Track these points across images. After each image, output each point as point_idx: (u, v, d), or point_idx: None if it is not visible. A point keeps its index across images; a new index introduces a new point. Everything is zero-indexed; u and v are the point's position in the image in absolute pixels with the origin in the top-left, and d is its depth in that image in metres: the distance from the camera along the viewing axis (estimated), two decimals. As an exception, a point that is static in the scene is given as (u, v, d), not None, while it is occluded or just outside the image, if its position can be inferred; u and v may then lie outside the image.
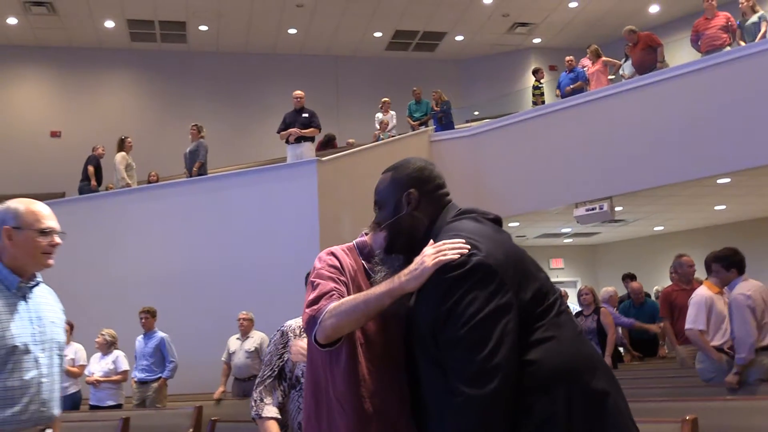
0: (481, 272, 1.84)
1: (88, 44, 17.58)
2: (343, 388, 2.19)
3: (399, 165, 2.20)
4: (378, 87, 17.31)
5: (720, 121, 8.97)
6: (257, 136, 17.48)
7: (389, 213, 2.14)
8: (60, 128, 17.31)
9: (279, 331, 3.20)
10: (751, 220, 13.31)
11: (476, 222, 2.04)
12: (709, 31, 9.79)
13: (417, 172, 2.14)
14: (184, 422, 6.24)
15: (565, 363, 1.86)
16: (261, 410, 3.00)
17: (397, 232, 2.13)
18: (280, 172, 9.99)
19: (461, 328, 1.82)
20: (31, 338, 2.55)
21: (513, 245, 2.02)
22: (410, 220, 2.11)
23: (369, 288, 2.19)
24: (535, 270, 1.99)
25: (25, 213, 2.61)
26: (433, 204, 2.12)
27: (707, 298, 5.55)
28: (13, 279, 2.58)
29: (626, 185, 9.97)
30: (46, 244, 2.61)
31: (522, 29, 18.18)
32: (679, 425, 3.16)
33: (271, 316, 8.07)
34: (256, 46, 18.44)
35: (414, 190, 2.10)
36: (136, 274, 9.69)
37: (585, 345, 1.98)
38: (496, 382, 1.77)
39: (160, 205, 10.33)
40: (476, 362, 1.78)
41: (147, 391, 7.92)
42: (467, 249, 1.88)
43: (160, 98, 18.08)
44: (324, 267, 2.25)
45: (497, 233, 2.02)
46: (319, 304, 2.11)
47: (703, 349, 5.47)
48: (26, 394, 2.49)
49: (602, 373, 1.91)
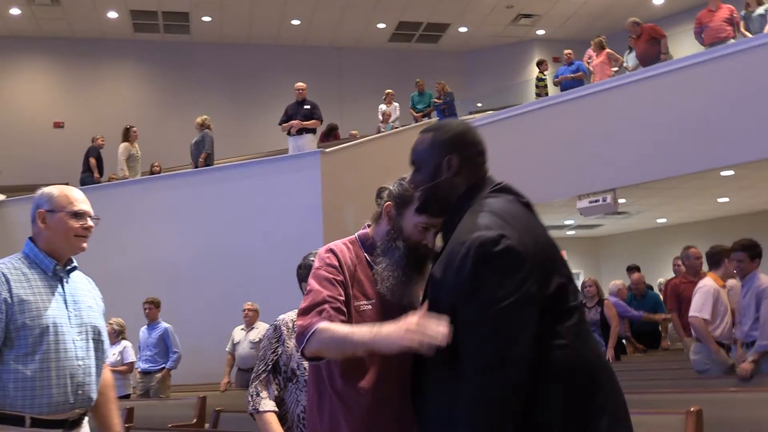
0: (511, 258, 1.77)
1: (91, 35, 17.57)
2: (342, 381, 2.21)
3: (440, 126, 2.10)
4: (381, 78, 17.29)
5: (724, 114, 8.94)
6: (261, 128, 17.47)
7: (427, 176, 2.05)
8: (63, 119, 17.32)
9: (272, 326, 3.22)
10: (754, 213, 13.27)
11: (510, 204, 1.95)
12: (712, 24, 9.75)
13: (459, 136, 2.04)
14: (187, 412, 6.28)
15: (569, 371, 1.80)
16: (258, 405, 3.02)
17: (433, 197, 2.06)
18: (283, 164, 9.99)
19: (483, 312, 1.75)
20: (66, 320, 2.58)
21: (545, 235, 1.94)
22: (448, 186, 2.01)
23: (370, 282, 2.25)
24: (561, 266, 1.91)
25: (58, 196, 2.67)
26: (473, 171, 2.03)
27: (715, 289, 5.58)
28: (49, 262, 2.63)
29: (630, 177, 9.94)
30: (79, 227, 2.66)
31: (526, 21, 18.12)
32: (683, 417, 3.17)
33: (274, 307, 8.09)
34: (259, 37, 18.41)
35: (455, 155, 2.01)
36: (140, 265, 9.72)
37: (596, 358, 1.90)
38: (512, 373, 1.72)
39: (163, 196, 10.35)
40: (494, 349, 1.73)
41: (150, 382, 7.96)
42: (447, 336, 1.78)
43: (163, 89, 18.07)
44: (322, 266, 2.26)
45: (530, 219, 1.95)
46: (309, 320, 2.13)
47: (705, 339, 5.49)
48: (62, 376, 2.51)
49: (606, 391, 1.85)
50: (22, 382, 2.43)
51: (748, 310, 5.36)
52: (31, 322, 2.47)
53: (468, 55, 19.74)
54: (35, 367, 2.46)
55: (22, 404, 2.43)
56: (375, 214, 2.37)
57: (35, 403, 2.45)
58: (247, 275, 9.20)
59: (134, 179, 11.21)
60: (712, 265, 5.90)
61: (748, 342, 5.39)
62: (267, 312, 8.20)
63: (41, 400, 2.45)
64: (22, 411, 2.43)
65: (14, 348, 2.45)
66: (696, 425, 3.15)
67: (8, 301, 2.45)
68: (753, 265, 5.49)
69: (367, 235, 2.38)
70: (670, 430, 3.09)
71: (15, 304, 2.46)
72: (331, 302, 2.16)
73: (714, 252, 5.92)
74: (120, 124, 12.27)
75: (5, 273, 2.51)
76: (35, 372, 2.45)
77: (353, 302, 2.24)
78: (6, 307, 2.44)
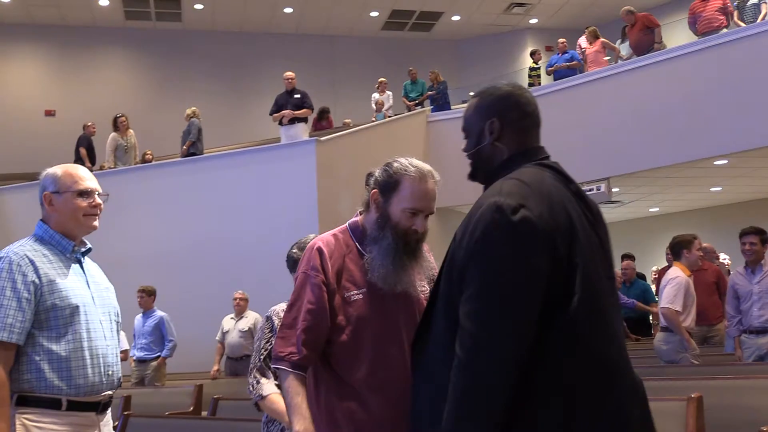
0: (525, 229, 1.70)
1: (82, 22, 17.44)
2: (338, 367, 2.24)
3: (485, 90, 2.01)
4: (374, 67, 17.24)
5: (717, 103, 8.99)
6: (254, 116, 17.41)
7: (472, 143, 2.00)
8: (54, 107, 17.21)
9: (265, 317, 3.22)
10: (746, 202, 13.36)
11: (547, 178, 1.85)
12: (705, 13, 9.78)
13: (501, 100, 1.96)
14: (184, 400, 6.28)
15: (576, 374, 1.70)
16: (261, 390, 3.00)
17: (477, 163, 2.00)
18: (278, 152, 9.97)
19: (487, 278, 1.70)
20: (91, 301, 2.55)
21: (582, 222, 1.82)
22: (490, 151, 1.94)
23: (361, 271, 2.27)
24: (592, 253, 1.79)
25: (62, 176, 2.60)
26: (517, 136, 1.94)
27: (686, 280, 5.64)
28: (67, 243, 2.58)
29: (624, 166, 9.99)
30: (87, 205, 2.59)
31: (519, 9, 18.10)
32: (684, 403, 3.20)
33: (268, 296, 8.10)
34: (251, 25, 18.32)
35: (496, 119, 1.93)
36: (132, 254, 9.67)
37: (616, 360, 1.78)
38: (509, 344, 1.65)
39: (155, 185, 10.31)
40: (493, 320, 1.67)
41: (146, 370, 7.97)
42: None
43: (154, 77, 17.98)
44: (307, 269, 2.27)
45: (565, 199, 1.82)
46: (284, 348, 2.23)
47: (677, 329, 5.57)
48: (95, 356, 2.49)
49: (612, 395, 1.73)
50: (57, 363, 2.40)
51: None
52: (60, 302, 2.43)
53: (461, 43, 19.71)
54: (69, 348, 2.43)
55: (58, 386, 2.39)
56: (364, 202, 2.36)
57: (71, 384, 2.41)
58: (240, 264, 9.19)
59: (126, 168, 11.15)
60: (675, 255, 5.97)
61: (764, 329, 5.52)
62: (260, 301, 8.21)
63: (77, 381, 2.42)
64: (59, 393, 2.39)
65: (46, 329, 2.41)
66: (697, 411, 3.19)
67: (36, 282, 2.41)
68: (765, 249, 5.60)
69: (357, 223, 2.37)
70: (672, 416, 3.12)
71: (44, 285, 2.43)
72: (310, 315, 2.22)
73: (674, 243, 5.97)
74: (111, 112, 12.19)
75: (29, 255, 2.45)
76: (69, 352, 2.42)
77: (343, 293, 2.24)
78: (35, 288, 2.41)
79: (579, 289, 1.72)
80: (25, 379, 2.38)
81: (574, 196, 1.87)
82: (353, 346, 2.22)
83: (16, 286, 2.39)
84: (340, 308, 2.23)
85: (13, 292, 2.38)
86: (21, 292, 2.39)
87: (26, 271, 2.42)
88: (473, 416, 1.65)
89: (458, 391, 1.67)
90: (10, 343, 2.35)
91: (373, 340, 2.22)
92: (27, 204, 10.02)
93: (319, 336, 2.22)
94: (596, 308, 1.76)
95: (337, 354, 2.23)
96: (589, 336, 1.73)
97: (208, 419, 5.05)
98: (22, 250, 2.48)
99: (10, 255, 2.45)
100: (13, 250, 2.48)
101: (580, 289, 1.72)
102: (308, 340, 2.20)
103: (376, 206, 2.27)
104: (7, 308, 2.36)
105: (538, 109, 2.01)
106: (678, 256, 5.90)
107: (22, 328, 2.37)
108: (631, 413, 1.76)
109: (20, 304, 2.38)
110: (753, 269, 5.71)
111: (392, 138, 11.24)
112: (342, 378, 2.22)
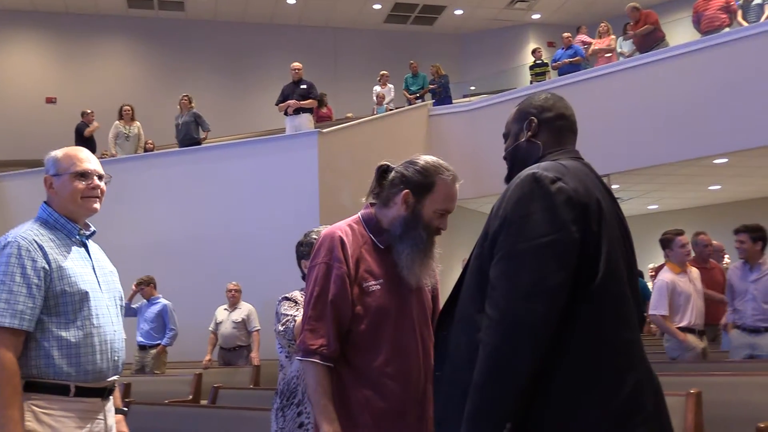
0: (562, 197, 1.74)
1: (84, 10, 17.41)
2: (353, 354, 2.27)
3: (528, 96, 2.14)
4: (376, 60, 17.25)
5: (718, 102, 9.00)
6: (255, 107, 17.41)
7: (511, 142, 2.09)
8: (55, 94, 17.20)
9: (283, 297, 3.21)
10: (745, 201, 13.39)
11: (581, 167, 1.94)
12: (708, 12, 9.80)
13: (540, 101, 2.07)
14: (183, 389, 6.32)
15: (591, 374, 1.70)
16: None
17: (514, 160, 2.07)
18: (280, 143, 9.96)
19: (523, 243, 1.72)
20: (98, 286, 2.53)
21: (610, 207, 1.87)
22: (527, 147, 2.03)
23: (376, 262, 2.31)
24: (616, 240, 1.84)
25: (61, 158, 2.57)
26: (553, 135, 2.03)
27: (669, 282, 5.61)
28: (72, 227, 2.55)
29: (623, 163, 10.00)
30: (84, 187, 2.55)
31: (522, 4, 18.10)
32: (684, 399, 3.23)
33: (267, 288, 8.15)
34: (254, 16, 18.30)
35: (534, 117, 2.04)
36: (130, 243, 9.66)
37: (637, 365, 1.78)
38: (542, 305, 1.66)
39: (156, 174, 10.30)
40: (528, 281, 1.68)
41: (146, 357, 8.01)
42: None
43: (156, 66, 17.96)
44: (329, 259, 2.28)
45: (599, 188, 1.89)
46: (314, 341, 2.24)
47: (668, 332, 5.59)
48: (103, 342, 2.48)
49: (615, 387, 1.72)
50: (66, 349, 2.38)
51: (765, 296, 5.53)
52: (70, 288, 2.41)
53: (463, 37, 19.70)
54: (79, 334, 2.41)
55: (67, 372, 2.38)
56: (382, 197, 2.37)
57: (80, 370, 2.40)
58: (242, 255, 9.20)
59: (126, 156, 11.15)
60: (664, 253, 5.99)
61: (757, 328, 5.55)
62: (259, 292, 8.25)
63: (86, 367, 2.41)
64: (68, 379, 2.38)
65: (55, 315, 2.39)
66: (696, 407, 3.22)
67: (46, 268, 2.39)
68: (755, 248, 5.63)
69: (371, 215, 2.40)
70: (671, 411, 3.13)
71: (54, 270, 2.40)
72: (333, 309, 2.24)
73: (660, 240, 5.97)
74: (113, 100, 12.21)
75: (37, 240, 2.43)
76: (79, 339, 2.41)
77: (361, 283, 2.28)
78: (44, 274, 2.38)
79: (603, 269, 1.75)
80: (34, 365, 2.36)
81: (604, 188, 1.93)
82: (372, 336, 2.26)
83: (26, 272, 2.35)
84: (358, 298, 2.26)
85: (23, 278, 2.35)
86: (31, 278, 2.36)
87: (35, 256, 2.39)
88: (504, 374, 1.66)
89: (490, 350, 1.68)
90: (21, 330, 2.32)
91: (390, 330, 2.27)
92: (27, 191, 10.06)
93: (344, 327, 2.26)
94: (616, 292, 1.78)
95: (356, 343, 2.26)
96: (607, 317, 1.75)
97: (209, 407, 5.08)
98: (30, 234, 2.44)
99: (18, 240, 2.40)
100: (20, 234, 2.43)
101: (604, 268, 1.75)
102: (337, 333, 2.24)
103: (407, 206, 2.31)
104: (18, 294, 2.33)
105: (574, 116, 2.09)
106: (665, 253, 5.93)
107: (33, 315, 2.35)
108: (644, 401, 1.77)
109: (30, 290, 2.35)
110: (751, 266, 5.72)
111: (393, 131, 11.25)
112: (357, 367, 2.26)
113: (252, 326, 8.12)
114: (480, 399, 1.68)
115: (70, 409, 2.40)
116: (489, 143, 11.76)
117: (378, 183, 2.40)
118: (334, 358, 2.24)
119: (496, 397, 1.66)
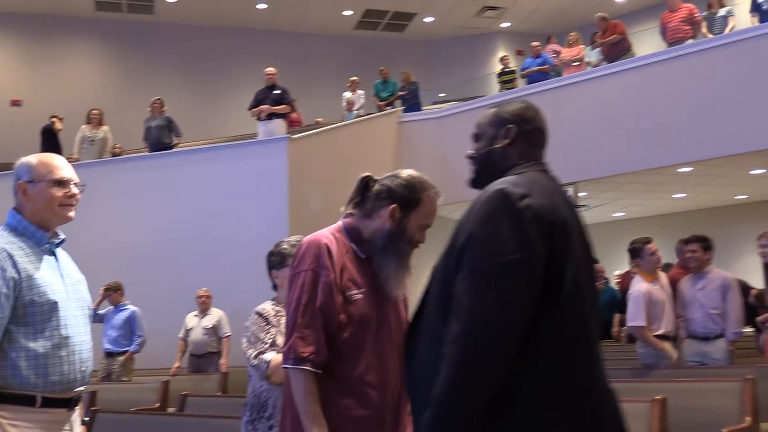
0: (529, 215, 1.75)
1: (49, 11, 17.16)
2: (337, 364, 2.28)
3: (505, 101, 2.13)
4: (346, 66, 17.23)
5: (683, 112, 9.15)
6: (224, 112, 17.30)
7: (484, 145, 2.07)
8: (21, 97, 16.92)
9: (255, 313, 3.14)
10: (708, 209, 13.62)
11: (548, 181, 1.95)
12: (671, 24, 10.00)
13: (521, 110, 2.07)
14: (150, 397, 6.25)
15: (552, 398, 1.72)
16: (264, 359, 2.97)
17: (485, 163, 2.05)
18: (249, 149, 9.93)
19: (487, 261, 1.72)
20: (66, 296, 2.50)
21: (575, 223, 1.89)
22: (501, 153, 2.02)
23: (358, 271, 2.34)
24: (580, 257, 1.84)
25: (37, 165, 2.54)
26: (528, 146, 2.03)
27: (644, 292, 5.61)
28: (41, 235, 2.51)
29: (591, 172, 10.11)
30: (62, 195, 2.53)
31: (491, 13, 18.23)
32: (649, 405, 3.28)
33: (237, 294, 8.12)
34: (224, 20, 18.19)
35: (514, 125, 2.03)
36: (97, 249, 9.53)
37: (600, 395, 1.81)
38: (505, 325, 1.67)
39: (124, 179, 10.19)
40: (491, 295, 1.68)
41: (113, 364, 7.91)
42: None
43: (125, 70, 17.76)
44: (316, 266, 2.28)
45: (564, 204, 1.90)
46: (305, 349, 2.22)
47: (648, 343, 5.58)
48: (71, 352, 2.45)
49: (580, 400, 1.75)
50: (34, 360, 2.35)
51: (711, 303, 5.58)
52: (39, 298, 2.39)
53: (433, 45, 19.79)
54: (47, 344, 2.38)
55: (34, 383, 2.35)
56: (365, 208, 2.39)
57: (48, 381, 2.37)
58: (209, 261, 9.12)
59: (93, 161, 11.00)
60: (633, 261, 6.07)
61: (707, 335, 5.62)
62: (228, 298, 8.20)
63: (53, 378, 2.38)
64: (34, 390, 2.35)
65: (23, 325, 2.36)
66: (661, 413, 3.27)
67: (16, 278, 2.35)
68: (706, 256, 5.70)
69: (352, 225, 2.42)
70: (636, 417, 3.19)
71: (23, 280, 2.37)
72: (320, 320, 2.24)
73: (628, 249, 6.00)
74: (80, 104, 12.05)
75: (6, 248, 2.40)
76: (47, 349, 2.38)
77: (344, 291, 2.31)
78: (14, 284, 2.34)
79: (568, 287, 1.76)
80: (0, 376, 2.33)
81: (568, 203, 1.95)
82: (354, 344, 2.28)
83: None
84: (342, 307, 2.29)
85: None
86: (0, 287, 2.33)
87: (5, 265, 2.36)
88: (465, 390, 1.67)
89: (452, 364, 1.69)
90: None
91: (371, 339, 2.31)
92: (-8, 194, 9.90)
93: (329, 335, 2.28)
94: (580, 309, 1.80)
95: (338, 351, 2.28)
96: (570, 335, 1.77)
97: (175, 415, 5.03)
98: (0, 242, 2.42)
99: None
100: None
101: (569, 286, 1.76)
102: (325, 340, 2.26)
103: (393, 219, 2.34)
104: None
105: (547, 131, 2.11)
106: (635, 262, 6.00)
107: (0, 326, 2.32)
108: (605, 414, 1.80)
109: None
110: (699, 275, 5.80)
111: (363, 138, 11.26)
112: (338, 375, 2.27)
113: (222, 332, 8.06)
114: (440, 414, 1.68)
115: (36, 420, 2.37)
116: (458, 150, 11.78)
117: (360, 194, 2.42)
118: (324, 365, 2.26)
119: (456, 413, 1.67)
